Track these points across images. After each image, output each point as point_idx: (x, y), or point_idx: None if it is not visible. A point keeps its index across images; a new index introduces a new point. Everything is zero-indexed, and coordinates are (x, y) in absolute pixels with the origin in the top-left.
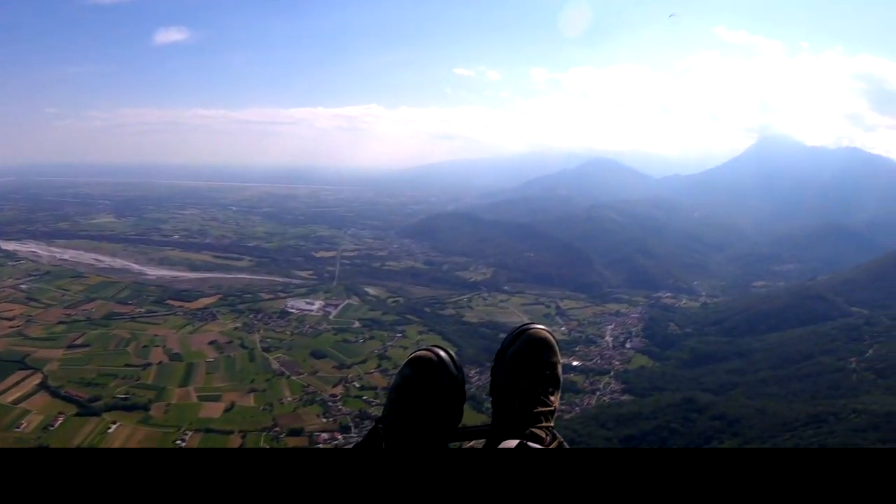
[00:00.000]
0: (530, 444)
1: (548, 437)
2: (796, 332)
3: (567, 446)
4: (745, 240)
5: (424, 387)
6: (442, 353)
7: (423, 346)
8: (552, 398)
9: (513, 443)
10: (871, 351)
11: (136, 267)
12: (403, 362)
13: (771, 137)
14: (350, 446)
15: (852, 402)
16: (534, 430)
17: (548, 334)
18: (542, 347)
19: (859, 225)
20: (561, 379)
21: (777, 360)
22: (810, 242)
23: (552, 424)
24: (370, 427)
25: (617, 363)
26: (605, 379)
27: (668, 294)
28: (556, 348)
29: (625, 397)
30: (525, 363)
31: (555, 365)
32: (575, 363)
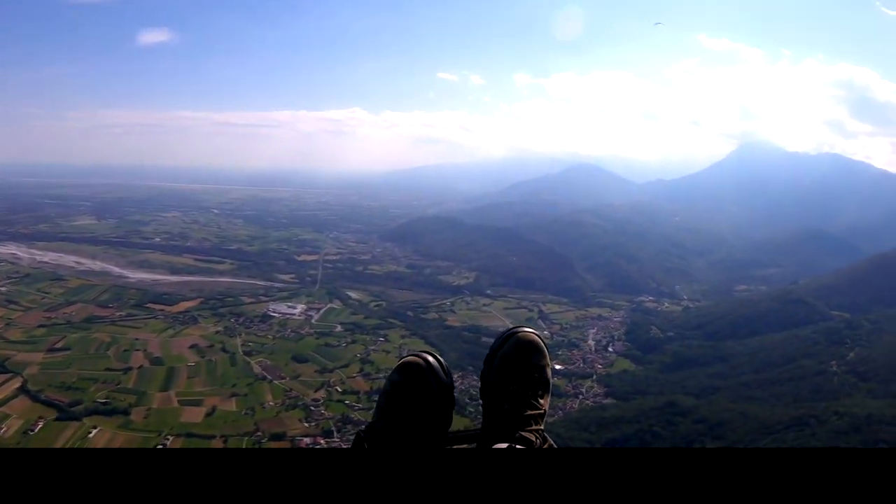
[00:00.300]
0: (518, 447)
1: (538, 440)
2: (778, 335)
3: (555, 446)
4: (726, 245)
5: (413, 392)
6: (430, 359)
7: (412, 352)
8: (542, 401)
9: (503, 446)
10: (852, 354)
11: (116, 270)
12: (392, 368)
13: (752, 143)
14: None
15: (834, 405)
16: (523, 433)
17: (536, 337)
18: (530, 350)
19: (839, 230)
20: (550, 382)
21: (759, 364)
22: (791, 247)
23: (542, 427)
24: (355, 432)
25: (599, 367)
26: (588, 382)
27: (651, 298)
28: (546, 351)
29: (607, 401)
30: (514, 366)
31: (544, 368)
32: (557, 367)
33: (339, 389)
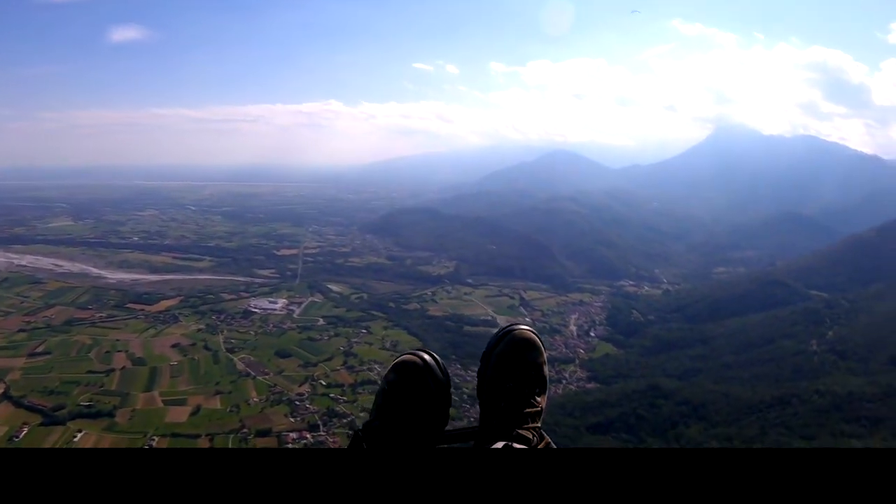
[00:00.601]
0: (516, 445)
1: (535, 438)
2: (757, 317)
3: (555, 447)
4: (703, 228)
5: (410, 391)
6: (427, 357)
7: (408, 350)
8: (538, 399)
9: (500, 445)
10: (831, 333)
11: (95, 271)
12: (388, 367)
13: (727, 127)
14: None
15: (815, 384)
16: (521, 431)
17: (532, 335)
18: (526, 348)
19: (816, 212)
20: (547, 379)
21: (739, 345)
22: (768, 230)
23: (539, 425)
24: (353, 432)
25: (581, 352)
26: (571, 367)
27: (630, 283)
28: (542, 349)
29: (590, 385)
30: (510, 364)
31: (540, 365)
32: None
33: (324, 383)
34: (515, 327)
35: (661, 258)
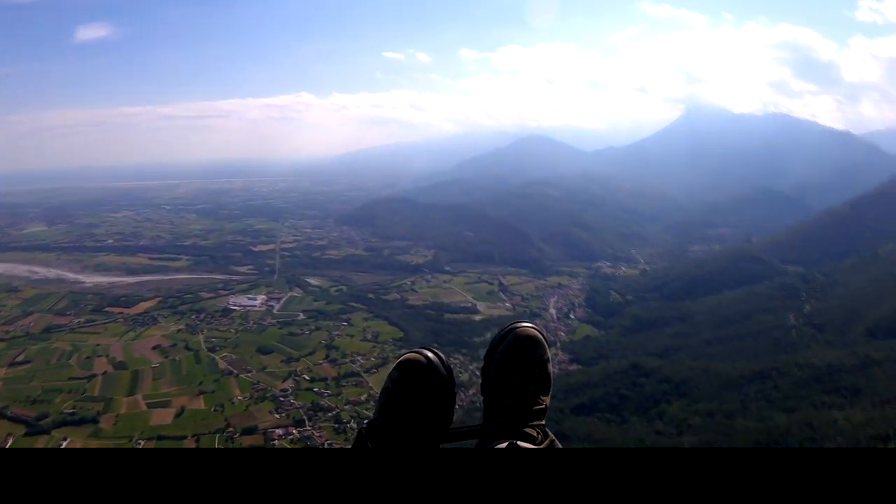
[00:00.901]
0: (520, 443)
1: (539, 436)
2: (734, 293)
3: (559, 444)
4: (678, 208)
5: (414, 390)
6: (430, 355)
7: (412, 349)
8: (543, 396)
9: (504, 443)
10: (808, 307)
11: (71, 276)
12: (393, 366)
13: (699, 107)
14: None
15: (794, 357)
16: (525, 429)
17: (536, 332)
18: (530, 346)
19: (789, 188)
20: (551, 376)
21: (718, 322)
22: (742, 207)
23: (543, 422)
24: (357, 431)
25: (562, 334)
26: (552, 350)
27: (608, 264)
28: (546, 346)
29: (573, 367)
30: (514, 362)
31: (545, 363)
32: None
33: (307, 378)
34: (519, 325)
35: (638, 238)
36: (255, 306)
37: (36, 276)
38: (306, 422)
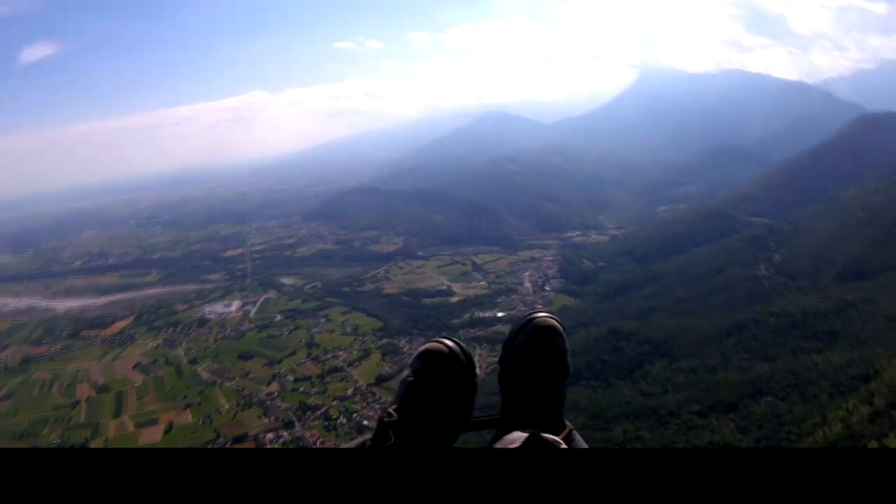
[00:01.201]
0: (544, 434)
1: (559, 425)
2: (704, 249)
3: (578, 434)
4: (641, 171)
5: (436, 380)
6: (451, 344)
7: (432, 339)
8: (561, 386)
9: (523, 434)
10: (777, 256)
11: (43, 303)
12: (413, 355)
13: (653, 70)
14: (359, 439)
15: (769, 307)
16: (545, 418)
17: (555, 322)
18: (550, 335)
19: (749, 142)
20: (570, 366)
21: (690, 279)
22: (704, 165)
23: (562, 412)
24: (378, 419)
25: (540, 307)
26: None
27: (577, 233)
28: (564, 336)
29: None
30: (533, 352)
31: (563, 353)
32: (500, 314)
33: (291, 378)
34: (538, 315)
35: (605, 205)
36: (231, 313)
37: (7, 307)
38: (296, 423)
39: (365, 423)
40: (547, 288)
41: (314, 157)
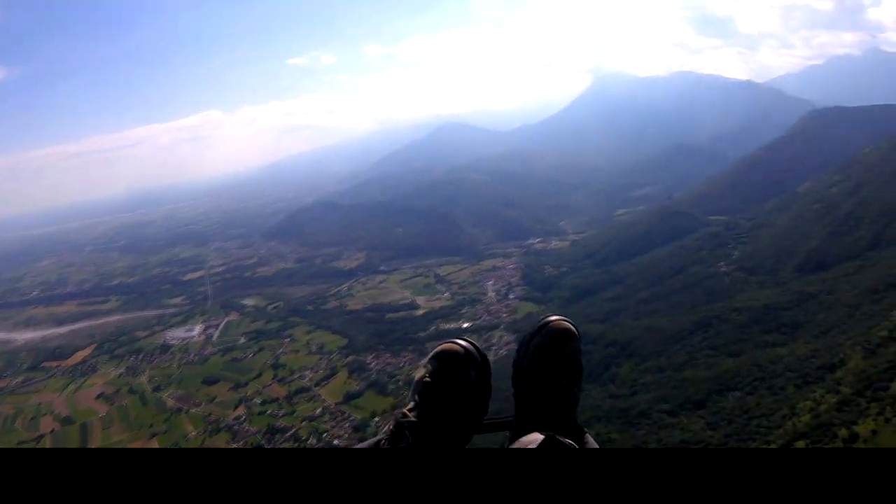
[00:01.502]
0: (559, 437)
1: (573, 428)
2: (664, 249)
3: (591, 435)
4: (599, 174)
5: (451, 381)
6: (465, 344)
7: (447, 339)
8: (575, 388)
9: (540, 436)
10: (736, 253)
11: (1, 335)
12: (428, 356)
13: (606, 75)
14: (373, 439)
15: (731, 303)
16: (560, 420)
17: (569, 325)
18: (565, 338)
19: (703, 141)
20: (583, 369)
21: (652, 280)
22: (660, 166)
23: (576, 414)
24: (394, 419)
25: (504, 315)
26: (497, 333)
27: (539, 239)
28: (579, 339)
29: None
30: (549, 354)
31: (578, 355)
32: (465, 325)
33: (258, 401)
34: (552, 318)
35: (564, 210)
36: (193, 337)
37: None
38: (265, 446)
39: (336, 442)
40: (511, 296)
41: (273, 174)
